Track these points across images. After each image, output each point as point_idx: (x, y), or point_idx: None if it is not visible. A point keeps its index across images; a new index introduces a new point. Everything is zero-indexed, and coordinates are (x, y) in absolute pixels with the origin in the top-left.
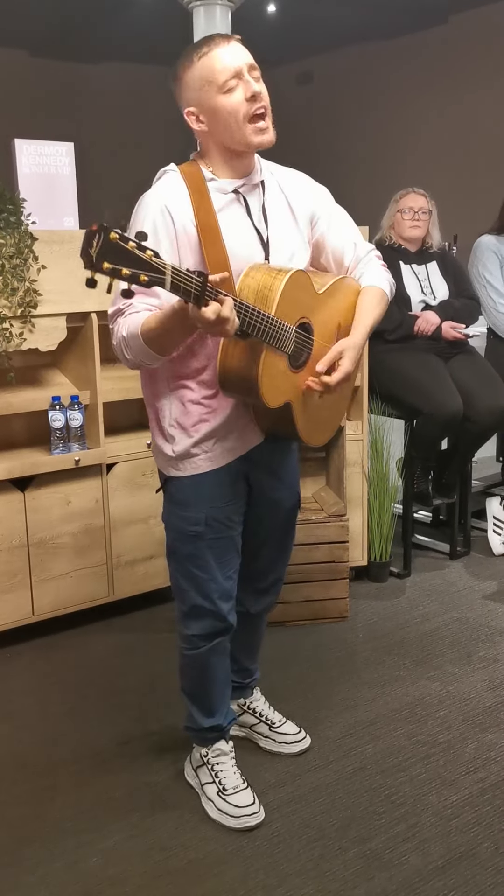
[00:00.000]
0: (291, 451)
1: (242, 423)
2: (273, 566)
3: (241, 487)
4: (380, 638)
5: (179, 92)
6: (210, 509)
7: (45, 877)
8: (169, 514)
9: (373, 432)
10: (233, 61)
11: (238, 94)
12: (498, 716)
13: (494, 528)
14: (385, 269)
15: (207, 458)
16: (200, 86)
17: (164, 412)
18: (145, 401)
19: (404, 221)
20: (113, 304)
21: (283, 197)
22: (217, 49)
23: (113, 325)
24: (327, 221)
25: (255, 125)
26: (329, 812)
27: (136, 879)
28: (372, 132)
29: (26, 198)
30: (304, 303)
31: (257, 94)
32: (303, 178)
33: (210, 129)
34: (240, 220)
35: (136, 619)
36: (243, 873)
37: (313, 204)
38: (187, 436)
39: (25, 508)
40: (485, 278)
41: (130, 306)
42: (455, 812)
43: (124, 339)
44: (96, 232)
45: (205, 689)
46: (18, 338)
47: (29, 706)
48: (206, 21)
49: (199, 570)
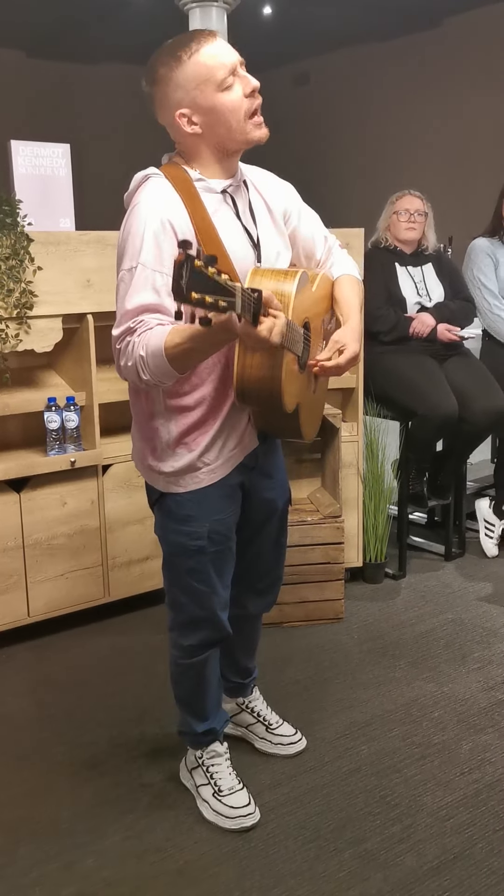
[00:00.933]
0: (278, 448)
1: (240, 429)
2: (271, 565)
3: (238, 496)
4: (375, 639)
5: (162, 93)
6: (213, 522)
7: (41, 878)
8: (165, 528)
9: (368, 434)
10: (228, 56)
11: (237, 90)
12: (493, 717)
13: (486, 532)
14: (350, 257)
15: (210, 471)
16: (195, 85)
17: (160, 430)
18: (134, 419)
19: (400, 223)
20: (118, 324)
21: (260, 196)
22: (208, 46)
23: (121, 345)
24: (298, 216)
25: (254, 120)
26: (324, 813)
27: (131, 881)
28: (368, 134)
29: (22, 199)
30: (306, 303)
31: (256, 88)
32: (270, 175)
33: (205, 130)
34: (231, 221)
35: (131, 620)
36: (239, 874)
37: (285, 200)
38: (188, 450)
39: (21, 510)
40: (479, 280)
41: (142, 323)
42: (450, 813)
43: (143, 358)
44: (184, 262)
45: (199, 696)
46: (14, 339)
47: (24, 707)
48: (203, 22)
49: (201, 583)
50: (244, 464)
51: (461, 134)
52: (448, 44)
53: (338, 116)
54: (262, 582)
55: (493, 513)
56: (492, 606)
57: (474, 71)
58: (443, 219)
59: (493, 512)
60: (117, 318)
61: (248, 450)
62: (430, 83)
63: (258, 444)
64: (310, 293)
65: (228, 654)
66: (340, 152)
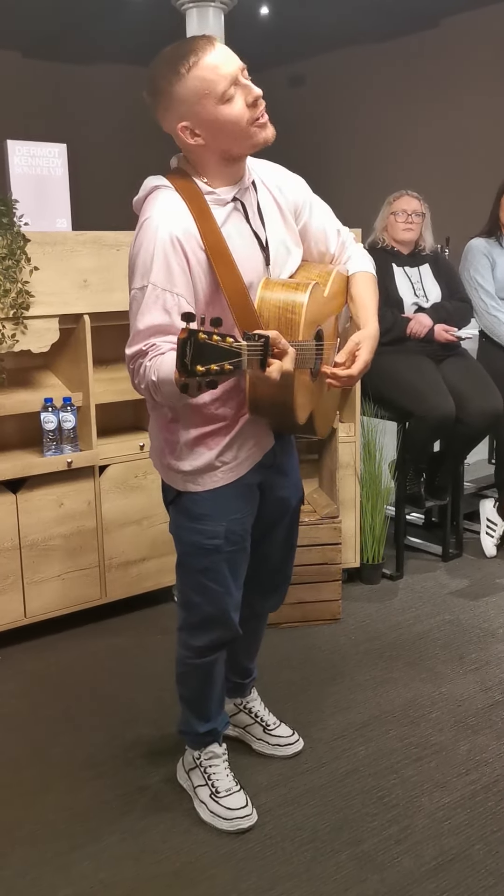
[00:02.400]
0: (293, 446)
1: (258, 428)
2: (281, 565)
3: (256, 496)
4: (372, 640)
5: (163, 107)
6: (230, 522)
7: (37, 879)
8: (180, 527)
9: (365, 434)
10: (227, 67)
11: (238, 101)
12: (490, 718)
13: (487, 531)
14: (364, 251)
15: (228, 470)
16: (196, 99)
17: (180, 429)
18: (153, 418)
19: (397, 224)
20: (131, 343)
21: (268, 192)
22: (206, 57)
23: (134, 366)
24: (309, 210)
25: (258, 122)
26: (321, 814)
27: (127, 883)
28: (364, 135)
29: (19, 199)
30: (317, 314)
31: (258, 97)
32: (280, 169)
33: (208, 141)
34: (241, 230)
35: (128, 621)
36: (235, 876)
37: (295, 194)
38: (207, 449)
39: (17, 510)
40: (476, 281)
41: (154, 347)
42: (447, 814)
43: (154, 384)
44: (187, 339)
45: (204, 697)
46: (11, 339)
47: (21, 709)
48: (199, 23)
49: (215, 583)
50: (262, 462)
51: (458, 134)
52: (445, 44)
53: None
54: (271, 581)
55: (498, 513)
56: (489, 607)
57: (471, 72)
58: (440, 219)
59: (496, 512)
60: (130, 337)
61: (266, 448)
62: (427, 84)
63: (274, 443)
64: (322, 298)
65: (229, 654)
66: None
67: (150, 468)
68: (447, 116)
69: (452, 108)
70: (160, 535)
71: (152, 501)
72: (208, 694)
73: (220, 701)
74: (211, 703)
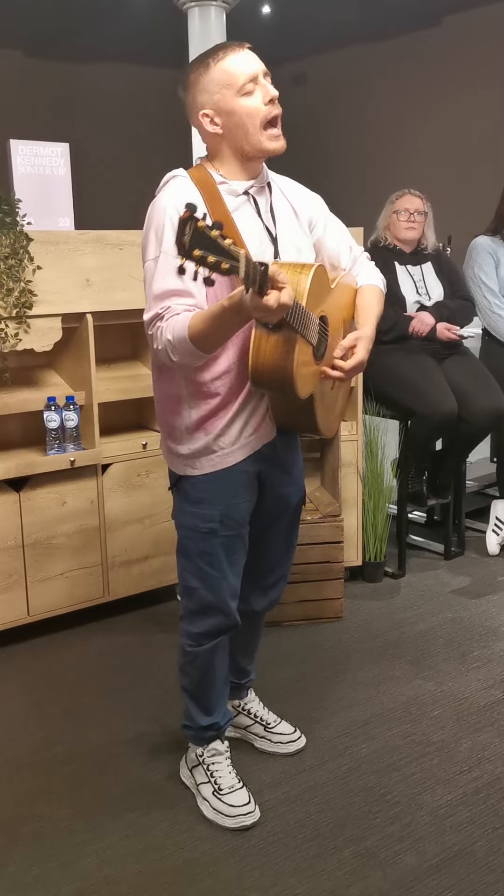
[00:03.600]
0: (298, 446)
1: (258, 417)
2: (278, 563)
3: (254, 485)
4: (374, 638)
5: (191, 96)
6: (226, 507)
7: (40, 876)
8: (181, 512)
9: (367, 433)
10: (250, 66)
11: (256, 97)
12: (492, 715)
13: (495, 528)
14: (377, 269)
15: (224, 455)
16: (218, 89)
17: (181, 414)
18: (156, 399)
19: (400, 223)
20: (148, 309)
21: (286, 199)
22: (233, 54)
23: (153, 331)
24: (324, 226)
25: (269, 132)
26: (324, 811)
27: (131, 879)
28: (366, 133)
29: (21, 198)
30: (322, 297)
31: (275, 98)
32: (299, 185)
33: (225, 131)
34: (251, 220)
35: (131, 619)
36: (238, 873)
37: (311, 209)
38: (205, 433)
39: (21, 509)
40: (480, 279)
41: (169, 309)
42: (449, 811)
43: (170, 342)
44: (188, 220)
45: (205, 687)
46: (14, 338)
47: (24, 706)
48: (201, 22)
49: (211, 567)
50: (262, 453)
51: (460, 133)
52: (447, 42)
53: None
54: (268, 579)
55: None
56: (491, 605)
57: (474, 69)
58: (442, 218)
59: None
60: (147, 305)
61: (266, 439)
62: (430, 82)
63: (276, 437)
64: (328, 290)
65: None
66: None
67: (152, 467)
68: (450, 114)
69: (455, 106)
70: (163, 533)
71: (155, 500)
72: (208, 684)
73: (222, 697)
74: (212, 694)
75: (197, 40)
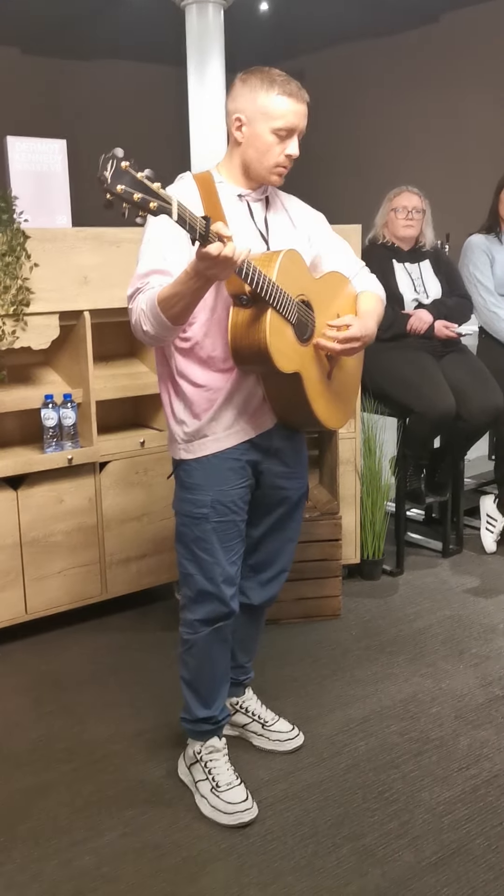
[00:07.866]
0: (302, 441)
1: (252, 406)
2: (278, 556)
3: (248, 474)
4: (372, 636)
5: (240, 94)
6: (216, 493)
7: (38, 874)
8: (177, 499)
9: (366, 430)
10: (295, 121)
11: (281, 144)
12: (490, 713)
13: (487, 526)
14: (378, 282)
15: (215, 440)
16: (261, 112)
17: (174, 394)
18: (159, 382)
19: (398, 220)
20: (131, 286)
21: (286, 212)
22: (292, 101)
23: (132, 305)
24: (324, 241)
25: (276, 170)
26: (322, 809)
27: (129, 878)
28: (364, 131)
29: (18, 195)
30: (301, 281)
31: (293, 157)
32: (302, 203)
33: (244, 143)
34: (244, 220)
35: (129, 617)
36: (237, 870)
37: (312, 224)
38: (196, 418)
39: (18, 507)
40: (475, 277)
41: (148, 284)
42: (447, 809)
43: (143, 311)
44: (109, 158)
45: (203, 678)
46: (11, 336)
47: (22, 704)
48: (199, 19)
49: (205, 553)
50: (256, 443)
51: (458, 130)
52: (445, 40)
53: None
54: (266, 572)
55: (498, 509)
56: (489, 603)
57: (471, 67)
58: (440, 215)
59: (496, 508)
60: (130, 282)
61: (261, 429)
62: (427, 79)
63: (275, 428)
64: (307, 275)
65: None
66: (337, 149)
67: (150, 465)
68: (447, 112)
69: (453, 104)
70: (161, 531)
71: (153, 498)
72: (207, 674)
73: (221, 690)
74: (210, 686)
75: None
